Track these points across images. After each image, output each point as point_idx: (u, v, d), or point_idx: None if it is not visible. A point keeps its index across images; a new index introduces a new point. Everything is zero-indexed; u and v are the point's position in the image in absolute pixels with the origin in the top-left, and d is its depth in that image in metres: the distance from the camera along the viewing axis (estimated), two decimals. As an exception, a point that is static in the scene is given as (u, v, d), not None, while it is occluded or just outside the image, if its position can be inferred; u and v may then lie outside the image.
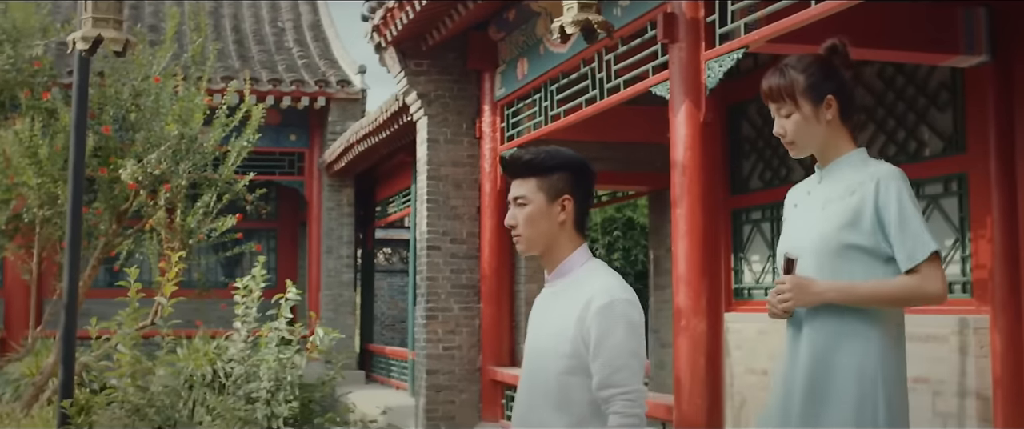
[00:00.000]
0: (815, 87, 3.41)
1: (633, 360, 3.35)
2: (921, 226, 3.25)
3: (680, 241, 7.06)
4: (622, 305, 3.37)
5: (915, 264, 3.24)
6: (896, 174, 3.34)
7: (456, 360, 11.09)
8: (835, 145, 3.46)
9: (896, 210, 3.26)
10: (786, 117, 3.47)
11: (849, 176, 3.40)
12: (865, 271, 3.31)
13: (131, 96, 9.13)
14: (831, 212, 3.38)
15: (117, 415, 7.31)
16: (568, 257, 3.52)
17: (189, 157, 9.03)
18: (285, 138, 18.18)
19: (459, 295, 11.16)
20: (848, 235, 3.32)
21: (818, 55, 3.47)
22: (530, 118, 10.13)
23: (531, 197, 3.48)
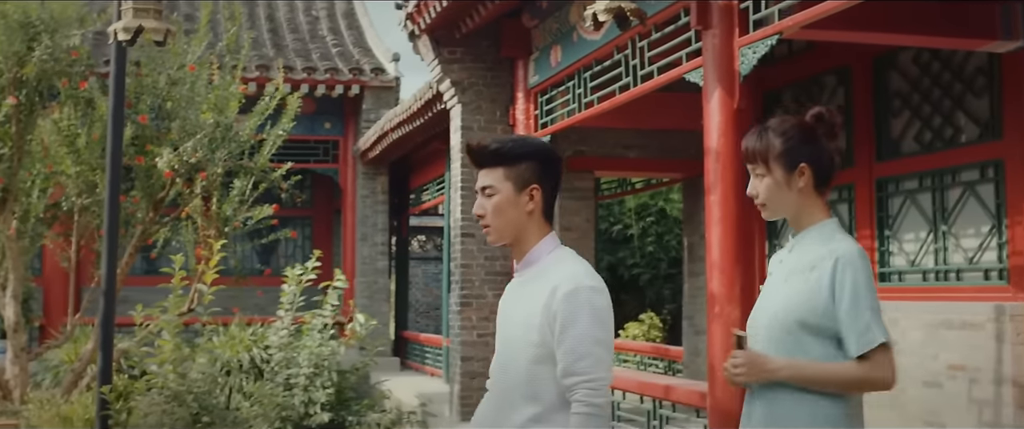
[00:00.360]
0: (789, 153, 3.35)
1: (597, 348, 3.31)
2: (873, 314, 3.18)
3: (714, 228, 7.05)
4: (587, 292, 3.34)
5: (864, 352, 3.19)
6: (855, 254, 3.25)
7: (490, 347, 11.10)
8: (808, 213, 3.39)
9: (850, 294, 3.19)
10: (760, 178, 3.41)
11: (813, 250, 3.33)
12: (818, 350, 3.25)
13: (167, 85, 9.19)
14: (791, 288, 3.34)
15: (156, 401, 7.38)
16: (536, 246, 3.50)
17: (225, 145, 9.08)
18: (320, 126, 18.26)
19: (493, 282, 11.18)
20: (803, 313, 3.26)
21: (802, 120, 3.42)
22: (564, 105, 10.13)
23: (499, 186, 3.45)
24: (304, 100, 10.17)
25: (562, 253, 3.51)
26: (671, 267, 19.38)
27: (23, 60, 8.80)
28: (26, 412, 8.06)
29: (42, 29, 8.87)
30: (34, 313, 14.82)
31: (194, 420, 7.68)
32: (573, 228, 11.67)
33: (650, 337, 17.82)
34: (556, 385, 3.35)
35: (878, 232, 8.98)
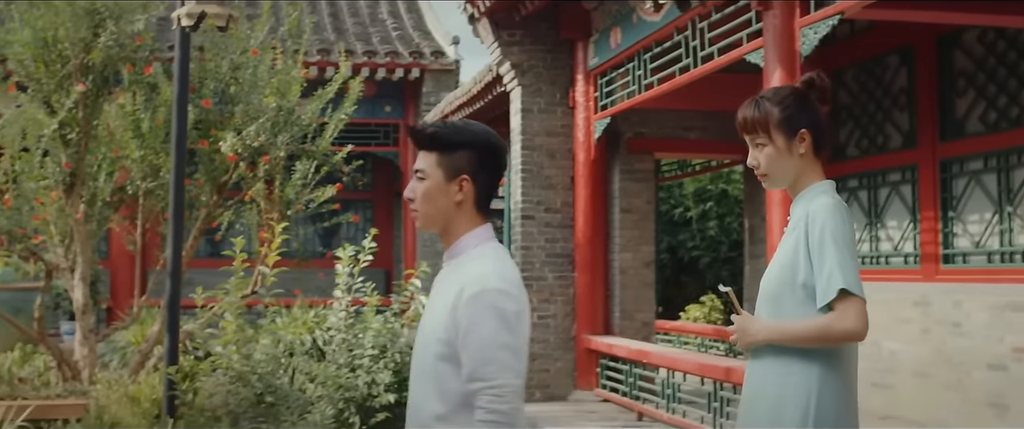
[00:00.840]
0: (789, 120, 3.37)
1: (503, 353, 3.16)
2: (836, 263, 3.17)
3: (774, 210, 7.01)
4: (493, 295, 3.19)
5: (827, 302, 3.18)
6: (825, 208, 3.25)
7: (551, 329, 11.15)
8: (805, 178, 3.41)
9: (817, 246, 3.21)
10: (760, 148, 3.42)
11: (797, 212, 3.37)
12: (803, 309, 3.26)
13: (230, 70, 9.26)
14: (780, 251, 3.38)
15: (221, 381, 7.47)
16: (462, 238, 3.37)
17: (287, 129, 9.14)
18: (380, 109, 18.34)
19: (553, 264, 11.20)
20: (787, 273, 3.30)
21: (795, 88, 3.44)
22: (623, 87, 10.11)
23: (430, 172, 3.34)
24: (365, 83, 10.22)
25: (484, 249, 3.36)
26: (732, 249, 19.29)
27: (89, 46, 8.92)
28: (95, 392, 8.19)
29: (107, 15, 8.98)
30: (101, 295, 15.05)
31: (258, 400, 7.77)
32: (633, 210, 11.66)
33: (711, 319, 17.77)
34: (460, 384, 3.23)
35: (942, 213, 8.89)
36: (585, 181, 11.06)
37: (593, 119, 10.83)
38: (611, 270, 11.65)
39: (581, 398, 10.92)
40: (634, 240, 11.64)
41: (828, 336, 3.20)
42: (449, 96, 15.39)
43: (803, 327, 3.23)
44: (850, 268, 3.17)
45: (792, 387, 3.26)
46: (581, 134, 11.04)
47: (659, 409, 9.38)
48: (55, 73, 8.95)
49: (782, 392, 3.28)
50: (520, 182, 11.23)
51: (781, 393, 3.28)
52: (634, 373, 9.95)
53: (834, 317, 3.17)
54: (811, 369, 3.25)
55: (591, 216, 11.10)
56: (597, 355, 10.89)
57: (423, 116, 17.49)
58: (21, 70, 9.05)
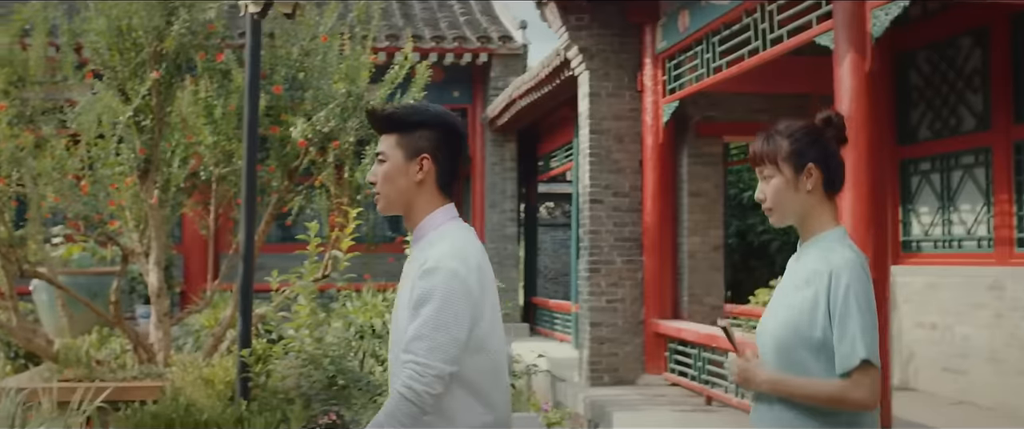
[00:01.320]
0: (798, 154, 3.29)
1: (438, 334, 3.17)
2: (859, 329, 3.09)
3: (845, 193, 6.95)
4: (445, 274, 3.22)
5: (846, 370, 3.11)
6: (850, 266, 3.17)
7: (619, 313, 11.15)
8: (816, 218, 3.33)
9: (841, 308, 3.12)
10: (767, 180, 3.35)
11: (815, 262, 3.27)
12: (820, 365, 3.18)
13: (300, 56, 9.35)
14: (793, 300, 3.27)
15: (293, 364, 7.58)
16: (424, 219, 3.39)
17: (356, 114, 9.21)
18: (448, 94, 18.40)
19: (622, 248, 11.20)
20: (803, 328, 3.20)
21: (809, 123, 3.36)
22: (692, 70, 10.08)
23: (389, 153, 3.37)
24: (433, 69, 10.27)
25: (447, 229, 3.37)
26: (802, 233, 19.14)
27: (162, 35, 9.05)
28: (170, 374, 8.34)
29: (180, 4, 9.11)
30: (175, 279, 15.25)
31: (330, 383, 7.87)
32: (702, 194, 11.62)
33: (780, 304, 17.64)
34: None
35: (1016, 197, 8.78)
36: (653, 165, 11.04)
37: (661, 103, 10.80)
38: (679, 254, 11.63)
39: (649, 382, 10.92)
40: (702, 224, 11.60)
41: (841, 403, 3.14)
42: (516, 81, 15.40)
43: (815, 387, 3.17)
44: (872, 335, 3.11)
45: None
46: (649, 118, 11.01)
47: (728, 393, 9.35)
48: (130, 61, 9.10)
49: None
50: (588, 166, 11.23)
51: None
52: (703, 357, 9.93)
53: (850, 385, 3.11)
54: (841, 424, 3.19)
55: (659, 200, 11.07)
56: (665, 339, 10.88)
57: (491, 101, 17.53)
58: (97, 58, 9.21)
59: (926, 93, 10.08)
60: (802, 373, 3.19)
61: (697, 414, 9.29)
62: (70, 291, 9.66)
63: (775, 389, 3.23)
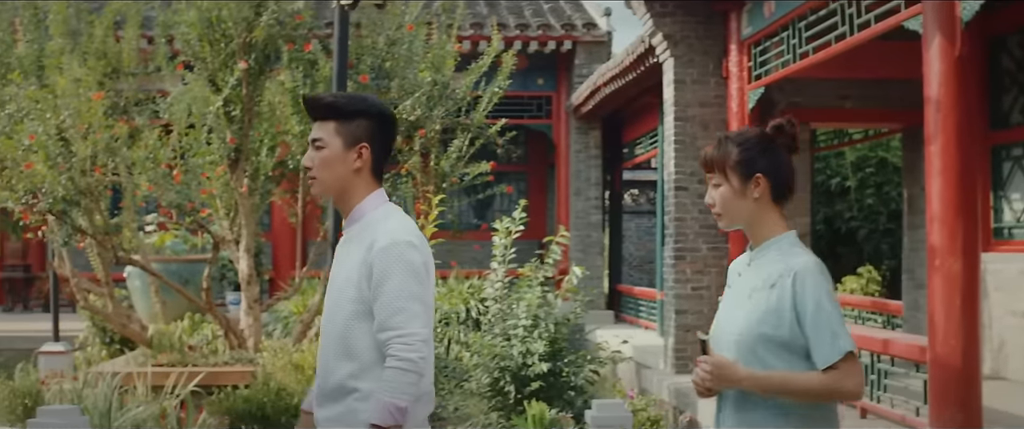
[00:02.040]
0: (746, 163, 3.33)
1: (413, 303, 3.33)
2: (836, 325, 3.20)
3: (934, 179, 6.88)
4: (402, 247, 3.36)
5: (832, 363, 3.19)
6: (813, 268, 3.25)
7: (705, 300, 11.11)
8: (764, 225, 3.38)
9: (813, 308, 3.20)
10: (715, 187, 3.39)
11: (772, 265, 3.32)
12: (784, 363, 3.25)
13: (386, 45, 9.45)
14: (753, 303, 3.31)
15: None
16: (360, 203, 3.50)
17: (442, 103, 9.30)
18: (533, 82, 18.43)
19: (707, 235, 11.15)
20: (767, 329, 3.26)
21: (761, 131, 3.39)
22: (778, 56, 9.99)
23: (328, 141, 3.45)
24: (517, 57, 10.32)
25: (387, 209, 3.50)
26: (890, 220, 18.89)
27: (251, 25, 9.20)
28: (260, 359, 8.49)
29: (267, -5, 9.25)
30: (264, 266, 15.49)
31: (416, 369, 7.94)
32: (787, 180, 11.52)
33: (868, 291, 17.46)
34: (373, 342, 3.36)
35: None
36: (739, 152, 10.96)
37: (747, 89, 10.72)
38: (766, 241, 11.54)
39: (735, 370, 10.88)
40: (789, 211, 11.42)
41: (830, 394, 3.24)
42: (601, 68, 15.38)
43: (805, 380, 3.24)
44: (845, 328, 3.23)
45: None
46: (734, 105, 10.94)
47: (815, 381, 9.29)
48: (219, 52, 9.26)
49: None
50: (673, 154, 11.20)
51: None
52: (790, 345, 9.86)
53: (841, 376, 3.20)
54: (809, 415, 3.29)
55: (745, 187, 11.00)
56: (751, 327, 10.82)
57: (575, 89, 17.52)
58: (187, 50, 9.39)
59: (1019, 78, 9.90)
60: (762, 368, 3.26)
61: (783, 402, 9.24)
62: (163, 278, 9.86)
63: (760, 385, 3.27)
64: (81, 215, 8.91)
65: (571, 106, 17.82)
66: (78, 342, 11.70)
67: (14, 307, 18.47)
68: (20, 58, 9.57)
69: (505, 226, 8.60)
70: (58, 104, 8.52)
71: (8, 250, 18.67)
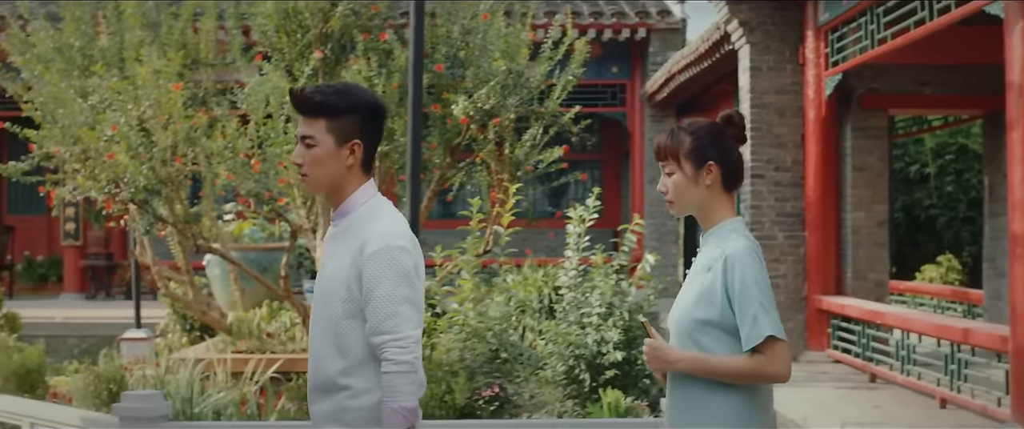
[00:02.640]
0: (698, 151, 3.47)
1: (404, 307, 3.36)
2: (761, 308, 3.29)
3: (1016, 166, 6.77)
4: (393, 252, 3.36)
5: (754, 346, 3.30)
6: (744, 252, 3.36)
7: (780, 289, 11.03)
8: (714, 211, 3.51)
9: (739, 291, 3.31)
10: (669, 175, 3.52)
11: (712, 250, 3.45)
12: (719, 345, 3.37)
13: (461, 34, 9.49)
14: (691, 288, 3.47)
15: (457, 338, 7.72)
16: (351, 197, 3.49)
17: (516, 91, 9.30)
18: (607, 70, 18.38)
19: (783, 223, 11.07)
20: (702, 311, 3.40)
21: (712, 122, 3.52)
22: (855, 42, 9.88)
23: (320, 139, 3.43)
24: (591, 45, 10.29)
25: (376, 204, 3.49)
26: (970, 208, 18.61)
27: (328, 16, 9.29)
28: (338, 347, 8.56)
29: (343, -13, 9.32)
30: (340, 255, 15.61)
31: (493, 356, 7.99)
32: (866, 168, 11.39)
33: (948, 280, 17.23)
34: (364, 340, 3.39)
35: None
36: (815, 139, 10.86)
37: (824, 76, 10.62)
38: (843, 230, 11.43)
39: (812, 359, 10.79)
40: (866, 199, 11.37)
41: (756, 376, 3.35)
42: (676, 55, 15.31)
43: (730, 363, 3.36)
44: (773, 313, 3.32)
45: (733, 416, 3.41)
46: (811, 91, 10.84)
47: (893, 371, 9.19)
48: (296, 42, 9.35)
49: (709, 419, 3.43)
50: (749, 141, 11.11)
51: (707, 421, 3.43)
52: (867, 334, 9.77)
53: (765, 360, 3.31)
54: (747, 399, 3.41)
55: (822, 175, 10.90)
56: (828, 316, 10.73)
57: (649, 76, 17.46)
58: (265, 40, 9.49)
59: (1104, 62, 9.71)
60: (699, 351, 3.40)
61: (861, 391, 9.16)
62: (242, 266, 9.99)
63: (692, 367, 3.41)
64: (162, 204, 9.05)
65: (645, 94, 17.76)
66: (159, 329, 11.90)
67: (97, 294, 18.81)
68: (102, 50, 9.74)
69: (579, 214, 8.59)
70: (139, 95, 8.66)
71: (91, 238, 19.00)
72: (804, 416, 8.46)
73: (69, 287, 19.05)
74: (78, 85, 9.41)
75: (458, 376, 7.28)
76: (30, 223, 20.60)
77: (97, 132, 8.71)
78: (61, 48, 9.80)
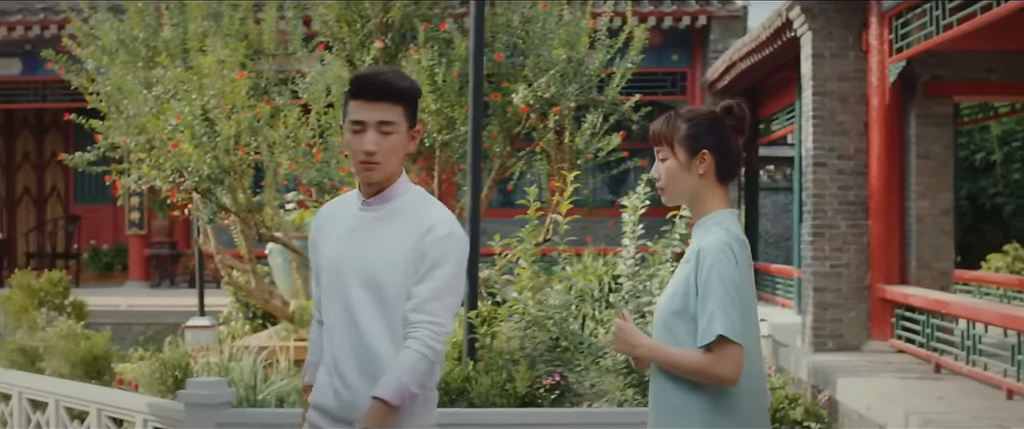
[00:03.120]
0: (694, 138, 3.41)
1: (451, 297, 3.41)
2: (718, 306, 3.22)
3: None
4: (460, 239, 3.44)
5: (706, 343, 3.25)
6: (716, 248, 3.29)
7: (843, 278, 10.93)
8: (706, 201, 3.44)
9: (703, 287, 3.27)
10: (662, 161, 3.47)
11: (695, 241, 3.40)
12: (690, 337, 3.32)
13: (520, 23, 9.48)
14: (673, 279, 3.43)
15: (517, 326, 7.72)
16: (395, 184, 3.52)
17: (576, 80, 9.29)
18: (667, 58, 18.28)
19: (846, 212, 10.96)
20: (677, 302, 3.35)
21: (711, 110, 3.46)
22: (920, 28, 9.76)
23: (399, 125, 3.45)
24: (651, 32, 10.25)
25: (421, 191, 3.57)
26: (1040, 196, 18.35)
27: (388, 5, 9.33)
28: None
29: (405, -25, 9.35)
30: (401, 244, 15.67)
31: (553, 345, 7.98)
32: (930, 156, 11.26)
33: (1014, 269, 16.97)
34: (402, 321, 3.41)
35: None
36: (879, 127, 10.75)
37: (887, 63, 10.50)
38: (906, 218, 11.31)
39: (875, 349, 10.69)
40: (931, 187, 11.24)
41: (703, 375, 3.29)
42: (737, 43, 15.20)
43: (680, 357, 3.32)
44: (731, 312, 3.23)
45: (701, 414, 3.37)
46: (875, 78, 10.72)
47: (958, 361, 9.08)
48: (357, 32, 9.41)
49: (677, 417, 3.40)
50: (812, 129, 11.02)
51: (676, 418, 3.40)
52: (931, 324, 9.65)
53: (711, 360, 3.25)
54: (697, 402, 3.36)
55: (885, 163, 10.78)
56: (892, 305, 10.62)
57: (710, 64, 17.35)
58: (326, 30, 9.56)
59: None
60: (675, 343, 3.36)
61: (925, 382, 9.06)
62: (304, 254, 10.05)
63: (649, 355, 3.41)
64: (225, 193, 9.13)
65: (706, 82, 17.65)
66: (222, 317, 12.02)
67: (161, 283, 19.04)
68: (166, 42, 9.84)
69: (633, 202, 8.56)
70: (203, 85, 8.74)
71: (156, 228, 19.22)
72: (867, 406, 8.39)
73: (134, 275, 19.31)
74: (142, 76, 9.52)
75: (519, 365, 7.28)
76: (96, 213, 20.90)
77: (161, 122, 8.80)
78: (125, 40, 9.91)
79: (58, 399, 7.51)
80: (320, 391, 3.60)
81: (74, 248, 20.26)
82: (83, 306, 11.25)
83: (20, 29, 17.33)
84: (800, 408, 8.11)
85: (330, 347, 3.56)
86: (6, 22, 17.34)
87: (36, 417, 7.79)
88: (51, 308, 10.77)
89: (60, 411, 7.48)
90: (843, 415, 9.00)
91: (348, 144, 3.50)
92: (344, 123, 3.53)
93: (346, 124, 3.51)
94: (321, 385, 3.61)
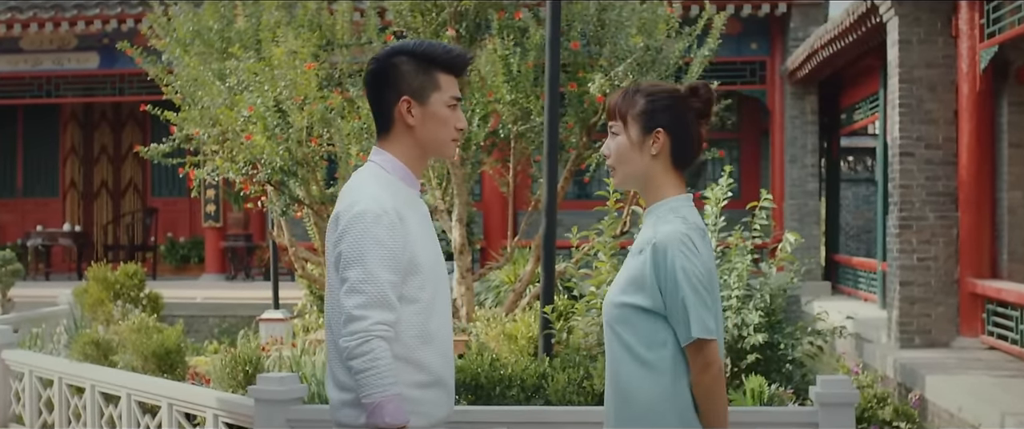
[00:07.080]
0: (649, 115, 3.19)
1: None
2: (689, 307, 3.08)
3: None
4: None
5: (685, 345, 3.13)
6: (673, 239, 3.09)
7: (931, 271, 10.61)
8: (658, 186, 3.23)
9: (670, 286, 3.10)
10: (614, 136, 3.25)
11: (647, 230, 3.19)
12: (647, 329, 3.17)
13: (597, 11, 9.29)
14: (623, 270, 3.24)
15: (594, 321, 7.53)
16: None
17: (653, 69, 9.08)
18: (746, 47, 17.98)
19: (934, 203, 10.63)
20: (631, 297, 3.16)
21: (673, 88, 3.22)
22: (1013, 12, 9.40)
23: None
24: (730, 21, 10.01)
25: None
26: None
27: (462, -6, 9.18)
28: (474, 329, 8.47)
29: (472, -34, 9.20)
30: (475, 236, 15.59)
31: (631, 341, 7.78)
32: (1023, 145, 10.88)
33: (1109, 262, 16.46)
34: None
35: None
36: (969, 115, 10.39)
37: (978, 48, 10.14)
38: (998, 210, 10.96)
39: (965, 345, 10.36)
40: (1009, 182, 10.88)
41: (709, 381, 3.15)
42: (818, 30, 14.87)
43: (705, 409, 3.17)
44: (701, 310, 3.08)
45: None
46: (964, 65, 10.37)
47: (1054, 358, 8.76)
48: (430, 21, 9.27)
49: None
50: (898, 118, 10.69)
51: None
52: (1025, 319, 9.33)
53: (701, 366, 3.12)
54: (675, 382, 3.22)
55: (976, 152, 10.43)
56: (983, 300, 10.28)
57: (790, 53, 17.01)
58: (399, 20, 9.44)
59: None
60: (633, 335, 3.17)
61: (1019, 380, 8.73)
62: (377, 247, 9.95)
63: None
64: (298, 185, 9.06)
65: (786, 71, 17.32)
66: (296, 310, 11.97)
67: (236, 275, 19.11)
68: (239, 33, 9.78)
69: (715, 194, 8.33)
70: (275, 76, 8.66)
71: (231, 220, 19.30)
72: (959, 406, 8.10)
73: (210, 268, 19.41)
74: (217, 67, 9.47)
75: (596, 361, 7.09)
76: (173, 205, 21.08)
77: (235, 113, 8.74)
78: (200, 31, 9.87)
79: (130, 393, 7.47)
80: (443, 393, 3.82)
81: (151, 241, 20.41)
82: (159, 298, 11.24)
83: (98, 23, 17.47)
84: (889, 407, 7.82)
85: (444, 339, 3.80)
86: (84, 16, 17.48)
87: (109, 411, 7.76)
88: (127, 301, 10.77)
89: (132, 405, 7.44)
90: (933, 414, 8.70)
91: (445, 119, 3.47)
92: (429, 96, 3.49)
93: (440, 97, 3.48)
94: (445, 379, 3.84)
